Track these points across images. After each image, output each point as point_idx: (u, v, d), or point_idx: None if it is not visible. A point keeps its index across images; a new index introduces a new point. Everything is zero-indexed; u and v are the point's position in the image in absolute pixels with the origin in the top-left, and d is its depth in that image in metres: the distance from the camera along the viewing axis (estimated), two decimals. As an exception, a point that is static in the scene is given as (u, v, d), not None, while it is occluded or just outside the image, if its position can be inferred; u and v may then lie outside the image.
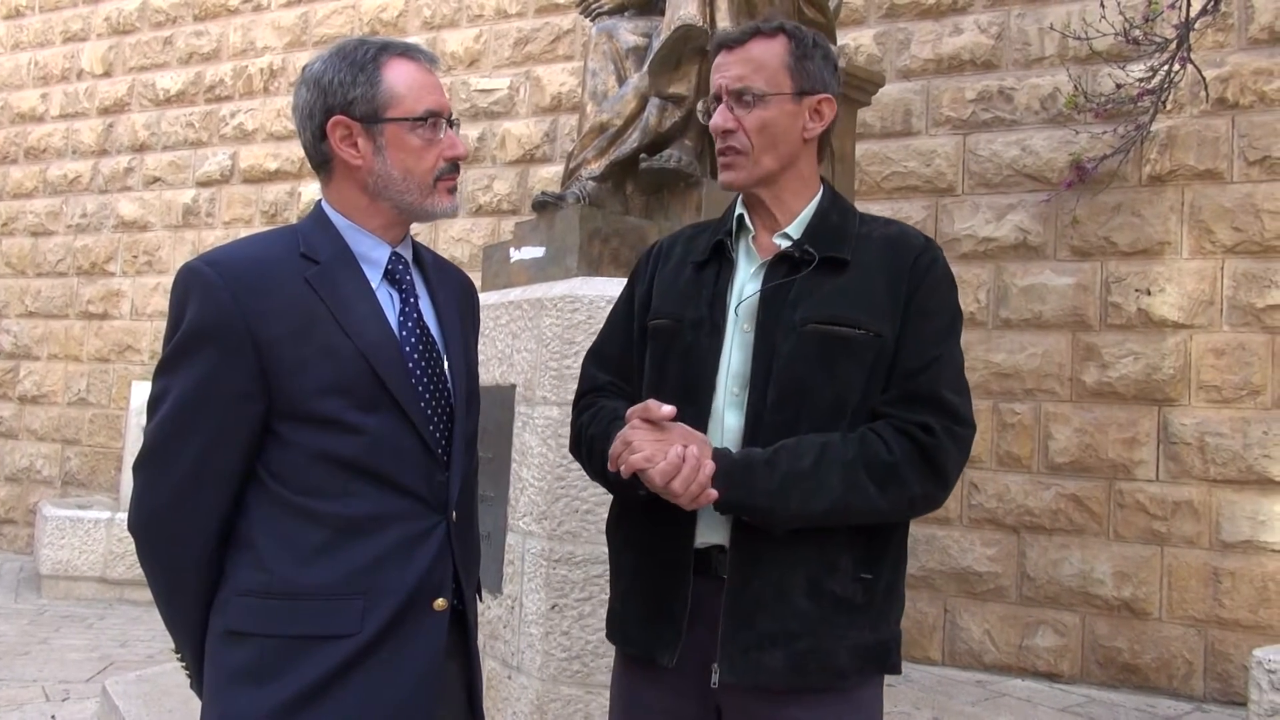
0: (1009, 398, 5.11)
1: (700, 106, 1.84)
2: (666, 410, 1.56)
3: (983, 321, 5.19)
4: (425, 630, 1.54)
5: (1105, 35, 4.69)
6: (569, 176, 3.57)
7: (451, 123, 1.61)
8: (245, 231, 7.30)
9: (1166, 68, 4.51)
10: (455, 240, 6.83)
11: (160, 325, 7.68)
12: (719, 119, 1.72)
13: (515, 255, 3.44)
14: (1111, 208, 4.97)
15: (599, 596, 2.84)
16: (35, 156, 8.81)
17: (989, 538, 5.09)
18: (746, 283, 1.71)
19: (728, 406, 1.66)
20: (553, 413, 2.91)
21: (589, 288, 2.99)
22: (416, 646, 1.53)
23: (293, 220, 5.65)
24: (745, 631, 1.59)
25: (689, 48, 3.31)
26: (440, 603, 1.56)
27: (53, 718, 4.26)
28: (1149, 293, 4.87)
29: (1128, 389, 4.86)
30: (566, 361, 2.91)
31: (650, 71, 3.38)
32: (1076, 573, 4.87)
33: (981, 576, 5.08)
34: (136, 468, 1.53)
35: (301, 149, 1.62)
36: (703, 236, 1.81)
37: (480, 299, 1.91)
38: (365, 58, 1.56)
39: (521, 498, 3.01)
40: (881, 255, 1.68)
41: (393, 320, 1.58)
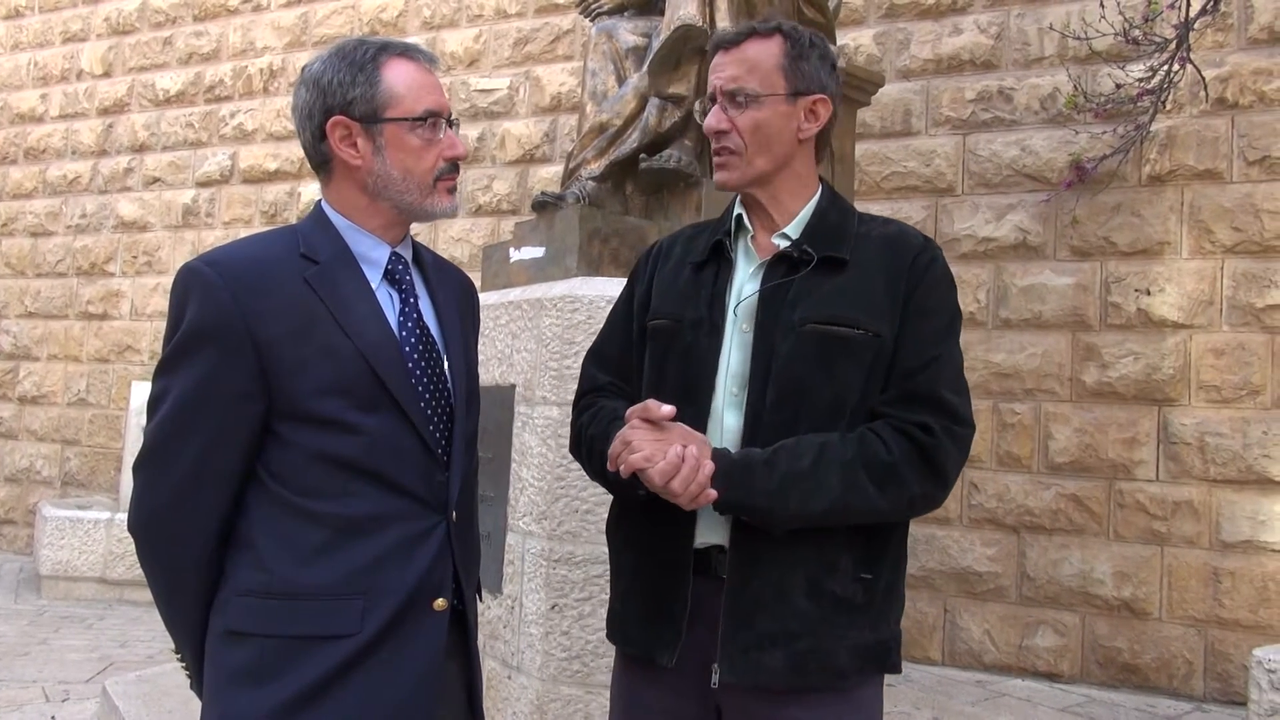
0: (1009, 398, 5.11)
1: (697, 107, 1.84)
2: (666, 410, 1.56)
3: (982, 321, 5.19)
4: (425, 630, 1.54)
5: (1105, 35, 4.68)
6: (569, 176, 3.57)
7: (451, 123, 1.61)
8: (245, 231, 7.30)
9: (1166, 68, 4.51)
10: (455, 240, 6.83)
11: (160, 325, 7.68)
12: (712, 120, 1.72)
13: (515, 255, 3.44)
14: (1111, 208, 4.97)
15: (599, 596, 2.84)
16: (35, 157, 8.81)
17: (989, 538, 5.09)
18: (745, 283, 1.71)
19: (727, 406, 1.66)
20: (552, 413, 2.91)
21: (589, 288, 2.99)
22: (416, 646, 1.53)
23: (292, 220, 5.65)
24: (745, 631, 1.58)
25: (689, 48, 3.32)
26: (440, 603, 1.56)
27: (52, 718, 4.26)
28: (1149, 293, 4.87)
29: (1127, 389, 4.87)
30: (566, 361, 2.91)
31: (650, 71, 3.38)
32: (1076, 573, 4.87)
33: (981, 576, 5.08)
34: (136, 468, 1.53)
35: (301, 149, 1.63)
36: (702, 237, 1.81)
37: (480, 299, 1.91)
38: (364, 58, 1.56)
39: (521, 498, 3.01)
40: (880, 255, 1.68)
41: (392, 320, 1.58)
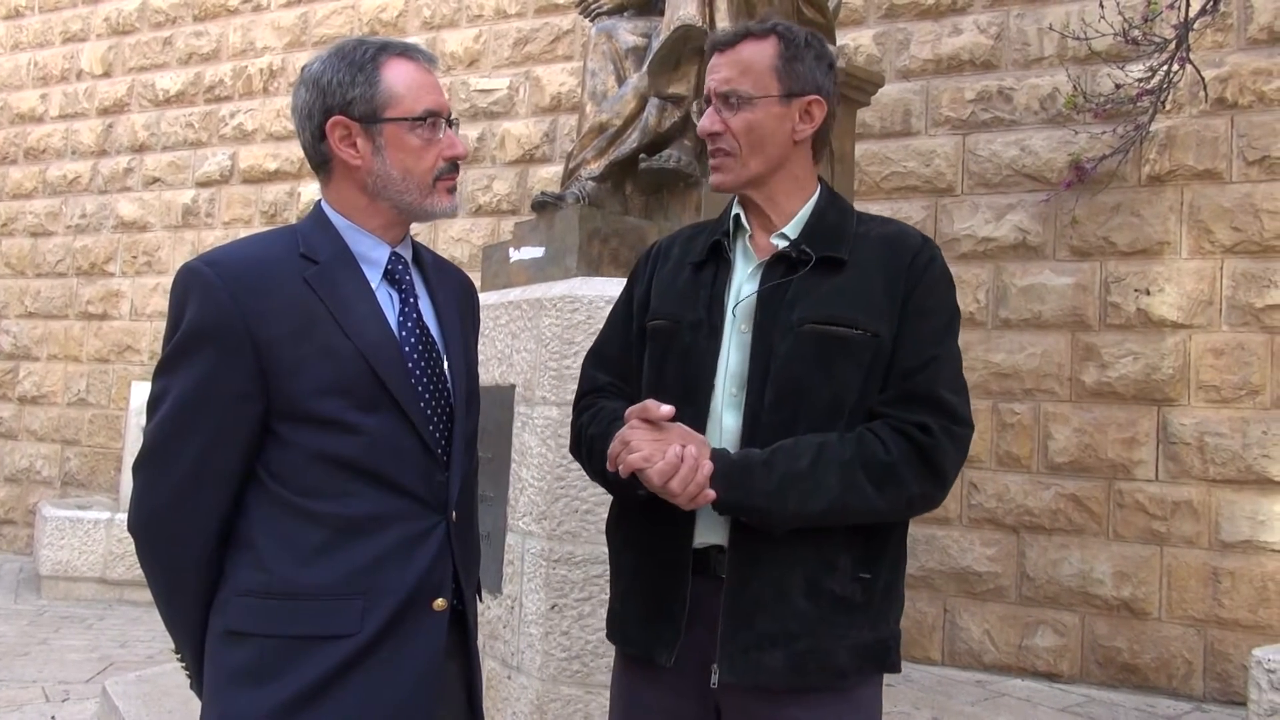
0: (1008, 398, 5.11)
1: (694, 108, 1.84)
2: (665, 410, 1.56)
3: (982, 321, 5.19)
4: (425, 630, 1.54)
5: (1104, 35, 4.68)
6: (568, 176, 3.57)
7: (451, 122, 1.61)
8: (245, 232, 7.30)
9: (1166, 68, 4.51)
10: (455, 240, 6.84)
11: (160, 326, 7.68)
12: (706, 121, 1.72)
13: (515, 255, 3.45)
14: (1111, 208, 4.97)
15: (599, 596, 2.84)
16: (35, 157, 8.81)
17: (988, 538, 5.09)
18: (744, 283, 1.71)
19: (726, 407, 1.66)
20: (552, 413, 2.91)
21: (588, 288, 2.99)
22: (416, 646, 1.53)
23: (292, 220, 5.65)
24: (744, 631, 1.59)
25: (688, 48, 3.31)
26: (440, 603, 1.56)
27: (52, 718, 4.26)
28: (1148, 293, 4.87)
29: (1127, 389, 4.87)
30: (566, 362, 2.91)
31: (650, 72, 3.38)
32: (1076, 573, 4.88)
33: (981, 576, 5.08)
34: (136, 468, 1.53)
35: (301, 149, 1.63)
36: (700, 237, 1.81)
37: (480, 299, 1.91)
38: (364, 58, 1.56)
39: (521, 498, 3.01)
40: (879, 254, 1.68)
41: (392, 320, 1.58)
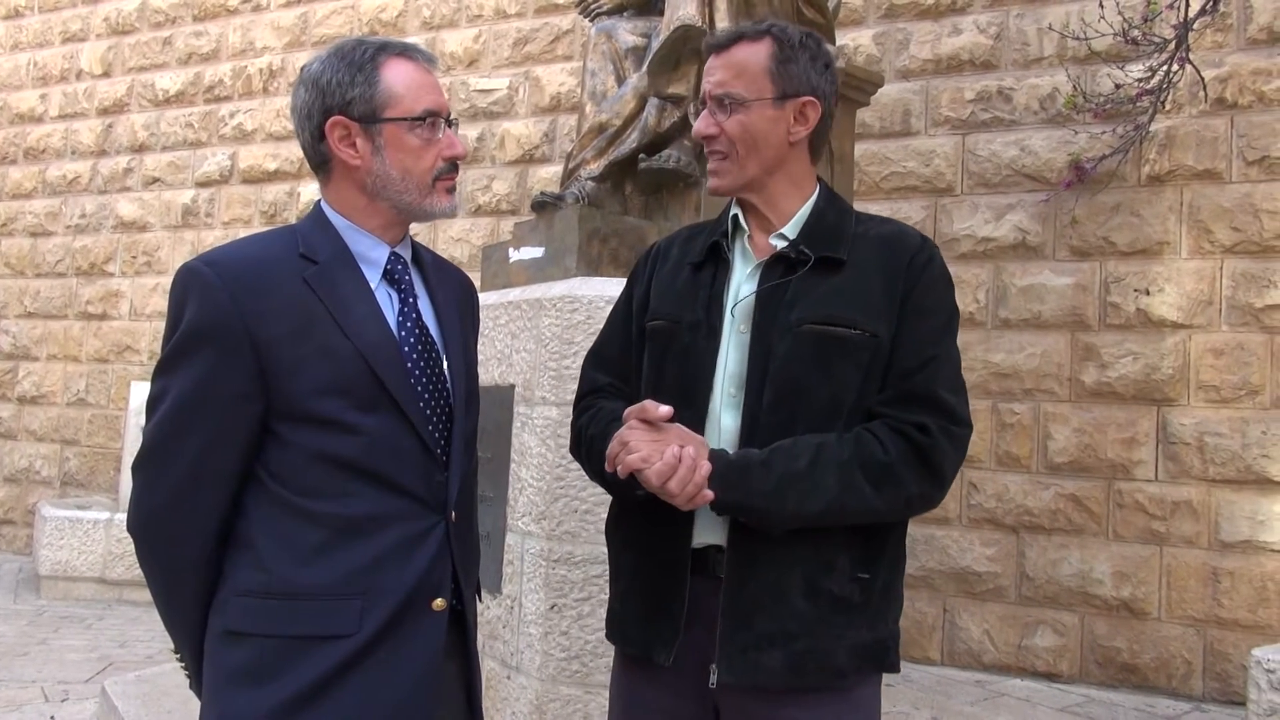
0: (1008, 398, 5.11)
1: (692, 109, 1.84)
2: (664, 411, 1.56)
3: (981, 321, 5.19)
4: (424, 630, 1.54)
5: (1104, 35, 4.68)
6: (568, 176, 3.57)
7: (450, 122, 1.61)
8: (244, 232, 7.30)
9: (1165, 68, 4.51)
10: (454, 240, 6.84)
11: (159, 326, 7.67)
12: (700, 124, 1.72)
13: (514, 255, 3.45)
14: (1110, 208, 4.97)
15: (598, 596, 2.84)
16: (34, 157, 8.81)
17: (988, 538, 5.09)
18: (743, 284, 1.71)
19: (724, 407, 1.66)
20: (552, 413, 2.91)
21: (588, 288, 2.99)
22: (415, 647, 1.53)
23: (292, 220, 5.65)
24: (743, 631, 1.59)
25: (688, 48, 3.31)
26: (439, 603, 1.56)
27: (52, 718, 4.26)
28: (1148, 293, 4.87)
29: (1127, 389, 4.87)
30: (565, 362, 2.91)
31: (649, 72, 3.38)
32: (1075, 573, 4.88)
33: (980, 576, 5.08)
34: (135, 468, 1.53)
35: (300, 149, 1.63)
36: (700, 237, 1.81)
37: (480, 299, 1.91)
38: (363, 58, 1.56)
39: (521, 498, 3.01)
40: (877, 254, 1.68)
41: (392, 320, 1.58)
